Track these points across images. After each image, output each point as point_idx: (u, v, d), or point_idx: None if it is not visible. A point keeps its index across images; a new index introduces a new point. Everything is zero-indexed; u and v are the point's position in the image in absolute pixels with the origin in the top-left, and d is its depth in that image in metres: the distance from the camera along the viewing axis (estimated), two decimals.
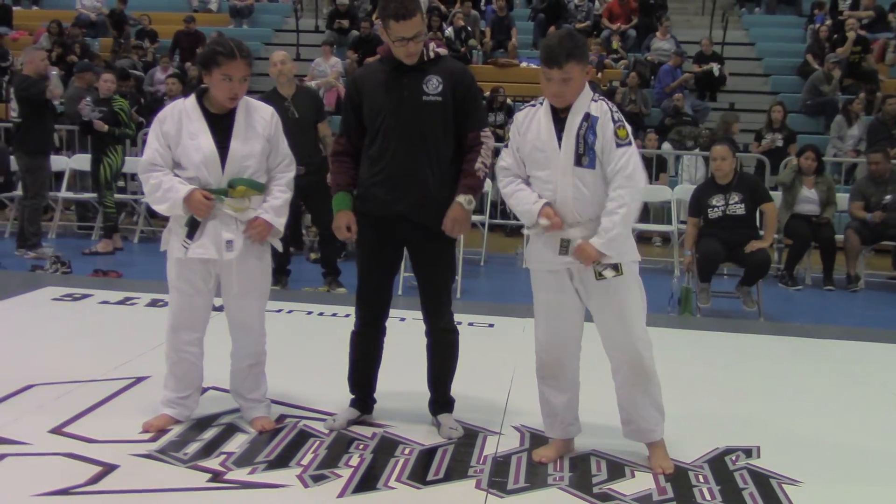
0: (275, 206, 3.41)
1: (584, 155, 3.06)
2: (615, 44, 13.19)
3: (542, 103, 3.18)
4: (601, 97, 3.17)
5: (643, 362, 3.18)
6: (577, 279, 3.16)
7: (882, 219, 7.57)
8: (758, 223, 6.64)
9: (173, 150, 3.34)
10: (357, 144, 3.49)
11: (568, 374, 3.28)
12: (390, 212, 3.38)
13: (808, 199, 7.70)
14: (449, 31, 13.02)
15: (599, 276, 3.10)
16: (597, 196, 3.09)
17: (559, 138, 3.09)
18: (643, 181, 3.12)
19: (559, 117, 3.11)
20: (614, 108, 3.13)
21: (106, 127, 8.00)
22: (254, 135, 3.37)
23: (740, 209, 6.25)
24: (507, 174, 3.24)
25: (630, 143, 3.10)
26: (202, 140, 3.31)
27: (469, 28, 13.24)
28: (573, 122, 3.08)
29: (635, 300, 3.17)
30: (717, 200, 6.29)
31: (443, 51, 3.46)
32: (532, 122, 3.17)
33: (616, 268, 3.11)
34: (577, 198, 3.08)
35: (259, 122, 3.40)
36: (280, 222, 3.43)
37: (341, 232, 3.45)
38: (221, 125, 3.34)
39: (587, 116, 3.08)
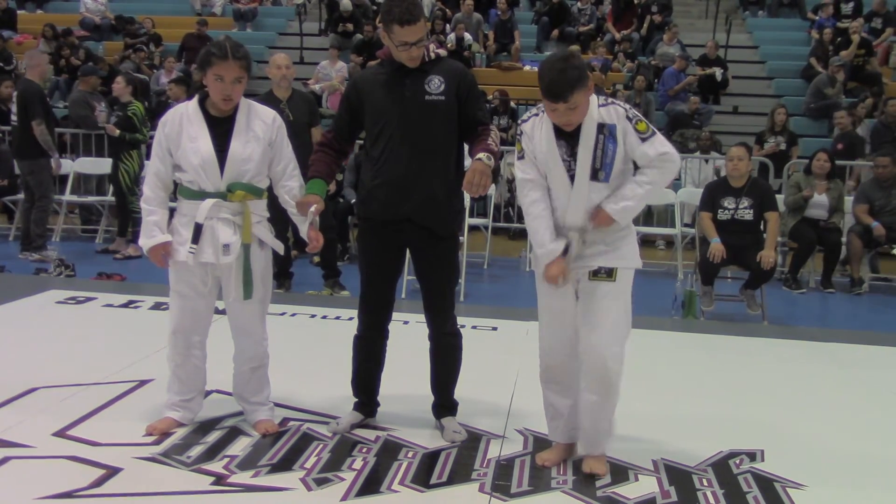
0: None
1: (601, 170, 3.04)
2: (620, 62, 13.16)
3: (543, 111, 3.14)
4: (608, 100, 3.12)
5: (609, 375, 3.13)
6: (573, 279, 3.13)
7: (884, 236, 7.57)
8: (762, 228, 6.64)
9: (174, 153, 3.35)
10: (343, 143, 3.52)
11: (571, 379, 3.27)
12: (394, 214, 3.38)
13: (819, 204, 7.70)
14: (451, 36, 13.02)
15: (593, 276, 3.09)
16: None
17: (572, 153, 3.05)
18: (677, 163, 3.10)
19: (564, 130, 3.07)
20: (626, 107, 3.08)
21: (117, 132, 8.02)
22: (253, 138, 3.36)
23: (749, 214, 6.24)
24: (532, 187, 3.14)
25: (654, 133, 3.05)
26: (201, 143, 3.31)
27: (471, 36, 13.24)
28: (587, 136, 3.03)
29: (620, 312, 3.13)
30: (728, 202, 6.27)
31: (442, 52, 3.47)
32: (539, 132, 3.12)
33: (609, 273, 3.10)
34: (587, 209, 3.07)
35: (259, 125, 3.39)
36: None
37: (303, 208, 3.36)
38: (222, 128, 3.34)
39: (601, 127, 3.04)
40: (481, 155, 3.26)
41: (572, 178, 3.07)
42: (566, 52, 3.25)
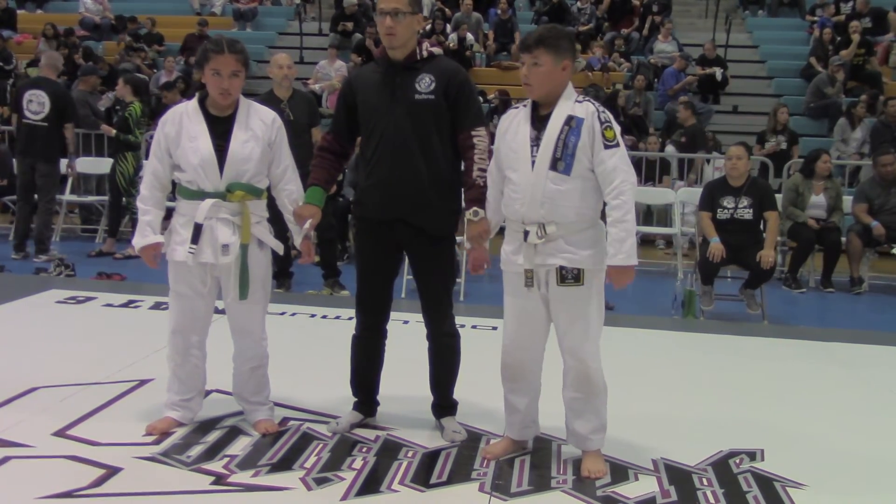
0: None
1: (561, 160, 3.03)
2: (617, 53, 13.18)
3: (525, 105, 3.19)
4: (586, 98, 3.14)
5: (589, 373, 3.16)
6: (541, 282, 3.13)
7: (884, 236, 7.56)
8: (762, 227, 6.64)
9: (173, 153, 3.35)
10: (343, 143, 3.50)
11: (528, 378, 3.29)
12: (387, 215, 3.37)
13: (817, 204, 7.71)
14: (453, 36, 13.02)
15: (561, 281, 3.09)
16: (571, 201, 3.05)
17: (537, 140, 3.07)
18: (633, 182, 3.06)
19: (539, 117, 3.10)
20: (601, 109, 3.08)
21: (113, 132, 8.02)
22: (253, 137, 3.36)
23: (748, 214, 6.24)
24: (490, 177, 3.29)
25: (618, 145, 3.04)
26: (200, 142, 3.31)
27: (473, 36, 13.23)
28: (554, 124, 3.06)
29: (592, 313, 3.14)
30: (727, 202, 6.27)
31: (437, 50, 3.44)
32: (512, 122, 3.18)
33: (577, 277, 3.08)
34: (545, 202, 3.04)
35: (259, 125, 3.39)
36: None
37: (299, 220, 3.37)
38: (221, 127, 3.34)
39: (570, 119, 3.05)
40: (468, 214, 3.25)
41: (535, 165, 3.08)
42: (558, 25, 3.33)
